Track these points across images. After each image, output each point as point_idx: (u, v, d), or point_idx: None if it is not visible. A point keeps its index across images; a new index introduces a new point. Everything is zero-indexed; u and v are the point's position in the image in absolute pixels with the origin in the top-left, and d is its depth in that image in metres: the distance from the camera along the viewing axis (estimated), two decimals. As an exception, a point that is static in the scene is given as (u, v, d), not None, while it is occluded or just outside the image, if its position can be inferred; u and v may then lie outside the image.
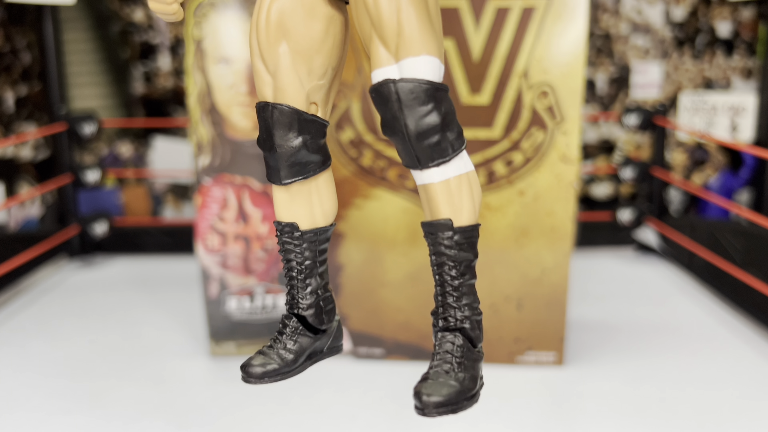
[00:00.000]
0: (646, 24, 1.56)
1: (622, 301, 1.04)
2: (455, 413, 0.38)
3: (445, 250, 0.36)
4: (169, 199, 1.74)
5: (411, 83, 0.33)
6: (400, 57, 0.34)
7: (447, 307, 0.37)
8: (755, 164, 1.43)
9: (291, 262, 0.40)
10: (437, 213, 0.35)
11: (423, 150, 0.34)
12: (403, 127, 0.33)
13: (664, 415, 0.69)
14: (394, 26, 0.33)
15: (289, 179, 0.38)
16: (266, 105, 0.37)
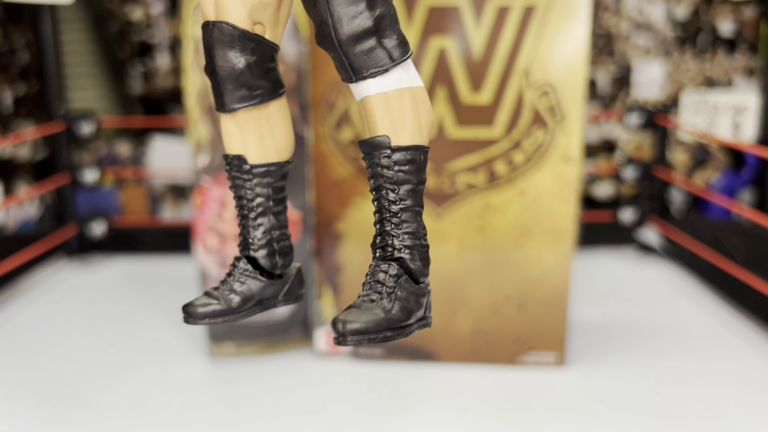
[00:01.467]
0: (648, 23, 1.56)
1: (623, 302, 1.04)
2: (373, 343, 0.33)
3: (382, 171, 0.33)
4: (167, 199, 1.74)
5: None
6: None
7: (384, 234, 0.33)
8: (757, 164, 1.43)
9: (241, 199, 0.37)
10: (374, 130, 0.32)
11: (356, 57, 0.31)
12: (332, 30, 0.30)
13: (665, 416, 0.69)
14: None
15: (233, 105, 0.36)
16: (207, 24, 0.35)
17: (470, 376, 0.78)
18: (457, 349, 0.81)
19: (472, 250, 0.78)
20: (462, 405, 0.72)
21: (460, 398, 0.73)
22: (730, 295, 1.01)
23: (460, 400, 0.73)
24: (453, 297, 0.79)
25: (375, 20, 0.31)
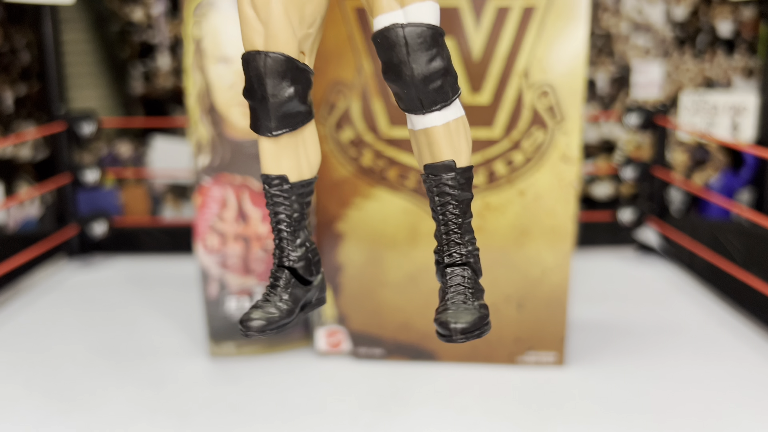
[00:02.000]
0: (647, 23, 1.56)
1: (622, 302, 1.04)
2: (480, 337, 0.39)
3: (449, 190, 0.37)
4: (168, 199, 1.74)
5: (418, 27, 0.33)
6: (405, 2, 0.34)
7: (452, 244, 0.38)
8: (756, 164, 1.43)
9: (280, 215, 0.40)
10: (439, 155, 0.36)
11: (428, 94, 0.34)
12: (410, 71, 0.34)
13: (664, 415, 0.69)
14: None
15: (279, 131, 0.38)
16: (258, 53, 0.36)
17: (470, 375, 0.78)
18: (457, 348, 0.81)
19: (472, 250, 0.77)
20: (462, 404, 0.72)
21: (459, 398, 0.74)
22: (729, 294, 1.01)
23: (460, 399, 0.73)
24: (453, 297, 0.79)
25: (446, 63, 0.35)
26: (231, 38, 0.79)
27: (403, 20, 0.34)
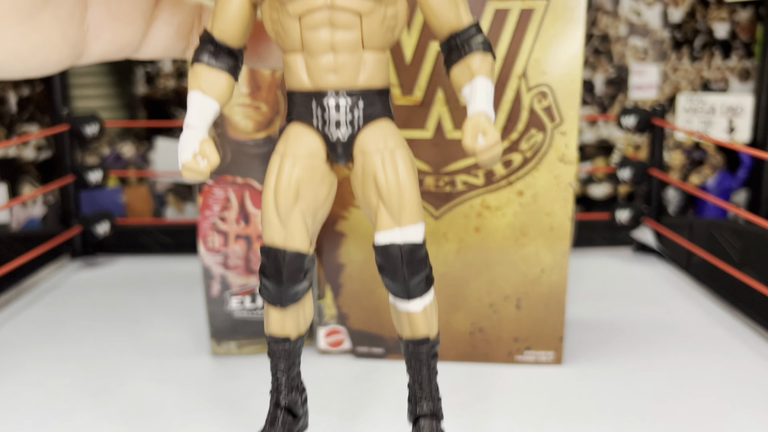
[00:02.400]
0: (645, 25, 1.57)
1: (620, 301, 1.04)
2: None
3: (423, 357, 0.42)
4: (170, 200, 1.75)
5: (411, 246, 0.39)
6: (402, 224, 0.39)
7: (423, 398, 0.43)
8: (752, 164, 1.44)
9: (280, 365, 0.45)
10: (417, 332, 0.41)
11: (413, 289, 0.40)
12: (403, 276, 0.39)
13: (662, 414, 0.70)
14: (398, 200, 0.39)
15: (288, 305, 0.42)
16: (277, 250, 0.40)
17: (469, 374, 0.78)
18: (457, 347, 0.81)
19: (471, 250, 0.78)
20: (461, 403, 0.73)
21: (459, 396, 0.74)
22: (726, 294, 1.01)
23: (459, 397, 0.73)
24: (452, 296, 0.80)
25: (428, 267, 0.40)
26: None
27: (399, 240, 0.39)
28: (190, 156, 0.36)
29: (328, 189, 0.41)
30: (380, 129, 0.39)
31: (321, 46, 0.36)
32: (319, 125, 0.39)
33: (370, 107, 0.38)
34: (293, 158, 0.39)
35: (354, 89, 0.37)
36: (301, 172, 0.39)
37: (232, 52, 0.38)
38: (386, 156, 0.39)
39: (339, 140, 0.39)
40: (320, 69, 0.37)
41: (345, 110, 0.38)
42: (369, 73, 0.38)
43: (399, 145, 0.39)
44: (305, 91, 0.38)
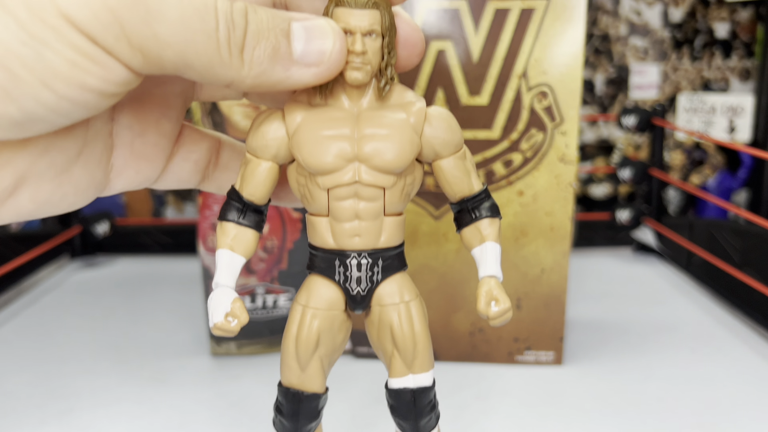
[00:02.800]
0: (645, 25, 1.56)
1: (620, 301, 1.04)
2: None
3: None
4: (170, 200, 1.75)
5: (423, 391, 0.42)
6: (414, 371, 0.42)
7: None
8: (753, 164, 1.44)
9: None
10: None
11: (423, 427, 0.42)
12: (414, 416, 0.42)
13: (662, 414, 0.70)
14: (412, 349, 0.41)
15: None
16: (296, 392, 0.43)
17: (469, 374, 0.78)
18: (457, 348, 0.81)
19: (471, 250, 0.78)
20: (461, 403, 0.73)
21: (459, 396, 0.74)
22: (727, 294, 1.01)
23: (460, 398, 0.73)
24: (452, 296, 0.80)
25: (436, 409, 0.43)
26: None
27: (412, 385, 0.42)
28: (222, 317, 0.38)
29: (345, 334, 0.44)
30: (397, 283, 0.41)
31: (347, 214, 0.39)
32: (341, 280, 0.41)
33: (388, 264, 0.41)
34: (314, 311, 0.41)
35: (375, 249, 0.40)
36: (321, 324, 0.41)
37: (258, 209, 0.40)
38: (402, 309, 0.41)
39: (359, 293, 0.41)
40: (345, 233, 0.39)
41: (366, 269, 0.40)
42: (389, 234, 0.40)
43: (413, 297, 0.42)
44: (329, 249, 0.40)
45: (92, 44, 0.27)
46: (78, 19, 0.25)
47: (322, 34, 0.34)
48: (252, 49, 0.31)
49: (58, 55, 0.26)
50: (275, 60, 0.32)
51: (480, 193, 0.41)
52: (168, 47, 0.29)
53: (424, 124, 0.37)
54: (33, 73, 0.25)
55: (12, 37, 0.24)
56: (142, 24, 0.27)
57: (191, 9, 0.29)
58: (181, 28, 0.29)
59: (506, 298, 0.39)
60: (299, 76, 0.33)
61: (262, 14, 0.33)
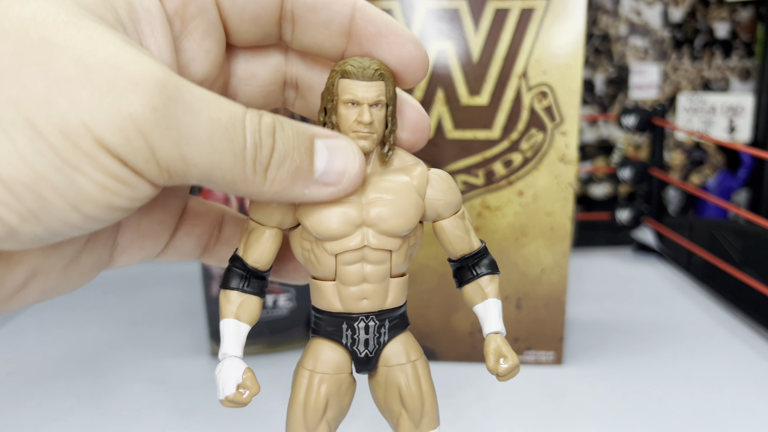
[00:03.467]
0: (645, 25, 1.56)
1: (620, 301, 1.04)
2: None
3: None
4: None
5: None
6: (422, 430, 0.42)
7: None
8: (753, 164, 1.44)
9: None
10: None
11: None
12: None
13: (662, 414, 0.70)
14: (420, 409, 0.41)
15: None
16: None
17: (469, 374, 0.78)
18: (457, 348, 0.81)
19: (471, 250, 0.78)
20: (461, 403, 0.73)
21: (459, 396, 0.74)
22: (727, 294, 1.01)
23: (460, 398, 0.73)
24: (452, 296, 0.80)
25: None
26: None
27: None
28: (234, 389, 0.37)
29: (351, 397, 0.44)
30: (402, 342, 0.42)
31: (354, 278, 0.39)
32: (348, 343, 0.41)
33: (394, 324, 0.41)
34: (322, 375, 0.41)
35: (382, 310, 0.40)
36: (329, 389, 0.42)
37: (261, 275, 0.40)
38: (409, 369, 0.42)
39: (366, 355, 0.42)
40: (352, 296, 0.40)
41: (373, 330, 0.41)
42: (395, 295, 0.41)
43: (419, 355, 0.43)
44: (336, 313, 0.40)
45: (123, 167, 0.27)
46: (112, 144, 0.26)
47: (344, 155, 0.35)
48: (277, 168, 0.31)
49: (90, 180, 0.26)
50: (296, 179, 0.32)
51: (479, 251, 0.41)
52: (195, 167, 0.29)
53: (426, 187, 0.38)
54: (64, 198, 0.26)
55: (46, 163, 0.24)
56: (172, 147, 0.27)
57: (220, 130, 0.29)
58: (209, 149, 0.29)
59: (514, 354, 0.38)
60: (316, 194, 0.34)
61: (289, 131, 0.33)
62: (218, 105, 0.29)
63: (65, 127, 0.25)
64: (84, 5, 0.27)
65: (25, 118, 0.25)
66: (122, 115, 0.26)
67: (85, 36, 0.26)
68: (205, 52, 0.36)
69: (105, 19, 0.28)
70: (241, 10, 0.36)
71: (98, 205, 0.28)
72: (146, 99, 0.26)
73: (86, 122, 0.25)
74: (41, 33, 0.25)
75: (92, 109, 0.25)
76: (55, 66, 0.25)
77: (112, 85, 0.26)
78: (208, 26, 0.35)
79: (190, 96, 0.28)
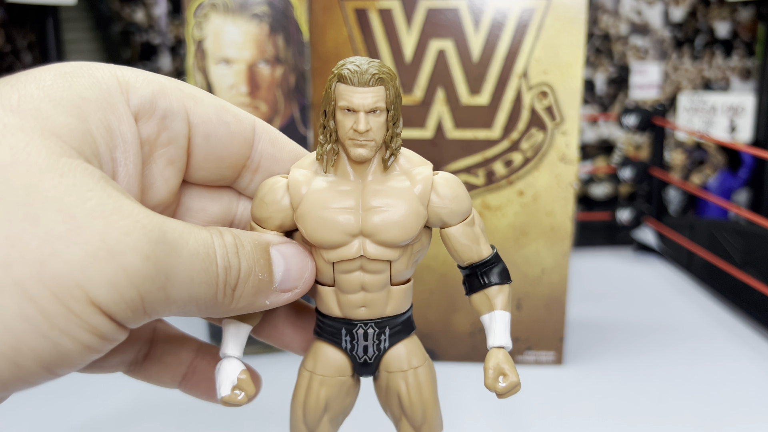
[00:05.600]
0: (646, 24, 1.56)
1: (620, 301, 1.04)
2: None
3: None
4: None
5: None
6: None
7: None
8: (754, 164, 1.44)
9: None
10: None
11: None
12: None
13: (662, 414, 0.70)
14: (420, 416, 0.41)
15: None
16: None
17: (470, 374, 0.78)
18: (457, 348, 0.81)
19: (471, 250, 0.78)
20: (461, 403, 0.72)
21: (459, 396, 0.74)
22: (727, 294, 1.01)
23: (460, 398, 0.73)
24: (452, 296, 0.80)
25: None
26: (232, 39, 0.79)
27: None
28: (229, 390, 0.38)
29: (353, 398, 0.44)
30: (405, 348, 0.41)
31: (352, 287, 0.38)
32: (348, 348, 0.40)
33: (395, 331, 0.41)
34: (322, 378, 0.41)
35: (382, 318, 0.39)
36: (328, 390, 0.41)
37: None
38: (409, 377, 0.41)
39: (366, 361, 0.41)
40: (351, 303, 0.38)
41: (372, 337, 0.40)
42: (395, 303, 0.40)
43: (422, 362, 0.42)
44: (335, 317, 0.40)
45: (110, 322, 0.26)
46: (104, 302, 0.25)
47: (298, 260, 0.36)
48: (243, 286, 0.32)
49: (75, 342, 0.25)
50: (259, 293, 0.33)
51: (490, 259, 0.39)
52: (174, 304, 0.29)
53: (430, 193, 0.37)
54: (41, 363, 0.25)
55: (32, 330, 0.23)
56: (159, 291, 0.27)
57: (198, 263, 0.29)
58: (189, 285, 0.29)
59: (514, 371, 0.37)
60: (277, 301, 0.35)
61: (248, 245, 0.33)
62: (192, 235, 0.30)
63: (58, 289, 0.24)
64: (62, 137, 0.26)
65: (16, 282, 0.23)
66: (116, 270, 0.25)
67: (70, 182, 0.25)
68: (165, 179, 0.35)
69: (82, 152, 0.27)
70: (209, 149, 0.36)
71: (71, 365, 0.27)
72: (137, 249, 0.26)
73: (80, 282, 0.24)
74: (24, 181, 0.24)
75: (86, 268, 0.24)
76: (45, 223, 0.24)
77: (104, 238, 0.25)
78: (174, 156, 0.35)
79: (171, 234, 0.28)
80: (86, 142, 0.27)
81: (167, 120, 0.32)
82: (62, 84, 0.27)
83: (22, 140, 0.24)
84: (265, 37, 0.78)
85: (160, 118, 0.32)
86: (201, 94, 0.35)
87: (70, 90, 0.27)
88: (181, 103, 0.33)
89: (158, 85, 0.32)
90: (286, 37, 0.78)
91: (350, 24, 0.76)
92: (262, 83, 0.77)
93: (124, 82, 0.30)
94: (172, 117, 0.32)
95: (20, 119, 0.24)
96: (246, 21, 0.78)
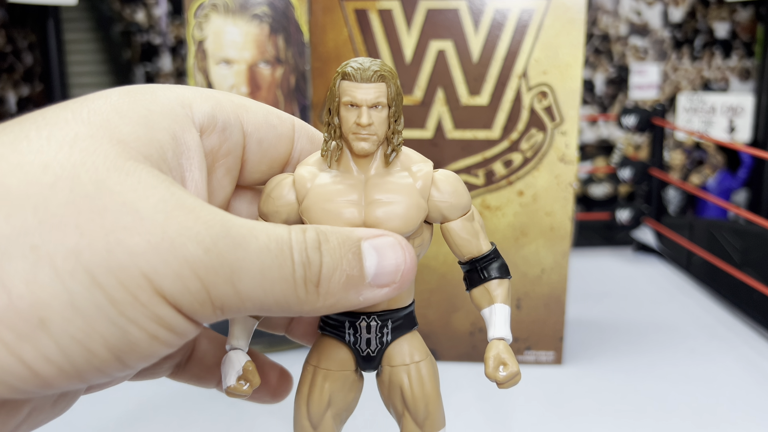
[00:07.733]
0: (645, 25, 1.57)
1: (620, 301, 1.04)
2: None
3: None
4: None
5: None
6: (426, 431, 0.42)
7: None
8: (753, 164, 1.44)
9: None
10: None
11: None
12: None
13: (662, 414, 0.70)
14: (423, 411, 0.41)
15: None
16: None
17: (469, 374, 0.78)
18: (457, 347, 0.81)
19: (471, 250, 0.78)
20: (461, 403, 0.72)
21: (459, 396, 0.74)
22: (727, 293, 1.01)
23: (460, 398, 0.73)
24: (452, 296, 0.80)
25: None
26: (232, 40, 0.80)
27: None
28: (234, 381, 0.38)
29: (357, 393, 0.44)
30: (407, 343, 0.42)
31: None
32: (351, 342, 0.41)
33: (398, 324, 0.41)
34: (326, 372, 0.42)
35: (384, 311, 0.40)
36: (332, 385, 0.42)
37: None
38: (412, 371, 0.41)
39: (369, 354, 0.42)
40: None
41: (375, 330, 0.41)
42: (398, 296, 0.40)
43: (424, 356, 0.42)
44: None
45: (177, 314, 0.27)
46: (170, 292, 0.25)
47: (393, 252, 0.34)
48: (328, 282, 0.31)
49: (142, 331, 0.26)
50: (349, 287, 0.32)
51: (489, 254, 0.40)
52: (249, 300, 0.29)
53: (431, 189, 0.38)
54: (111, 350, 0.25)
55: (102, 316, 0.24)
56: (226, 284, 0.27)
57: (270, 258, 0.29)
58: (260, 279, 0.29)
59: (515, 361, 0.37)
60: (372, 297, 0.33)
61: (334, 241, 0.32)
62: (264, 232, 0.29)
63: (125, 278, 0.25)
64: (130, 144, 0.28)
65: (85, 269, 0.24)
66: (179, 261, 0.26)
67: (135, 180, 0.26)
68: (222, 187, 0.37)
69: (149, 157, 0.28)
70: (262, 154, 0.37)
71: (142, 356, 0.27)
72: (198, 241, 0.26)
73: (145, 272, 0.25)
74: (93, 177, 0.25)
75: (149, 258, 0.25)
76: (111, 214, 0.25)
77: (165, 230, 0.26)
78: (231, 165, 0.36)
79: (237, 230, 0.28)
80: (153, 148, 0.28)
81: (227, 132, 0.33)
82: (128, 99, 0.28)
83: (92, 145, 0.25)
84: (265, 38, 0.78)
85: (221, 130, 0.33)
86: (249, 103, 0.36)
87: (136, 104, 0.28)
88: (236, 114, 0.34)
89: (214, 100, 0.33)
90: (287, 37, 0.78)
91: (350, 24, 0.76)
92: (262, 83, 0.77)
93: (186, 99, 0.31)
94: (230, 129, 0.34)
95: (90, 128, 0.25)
96: (246, 21, 0.78)
